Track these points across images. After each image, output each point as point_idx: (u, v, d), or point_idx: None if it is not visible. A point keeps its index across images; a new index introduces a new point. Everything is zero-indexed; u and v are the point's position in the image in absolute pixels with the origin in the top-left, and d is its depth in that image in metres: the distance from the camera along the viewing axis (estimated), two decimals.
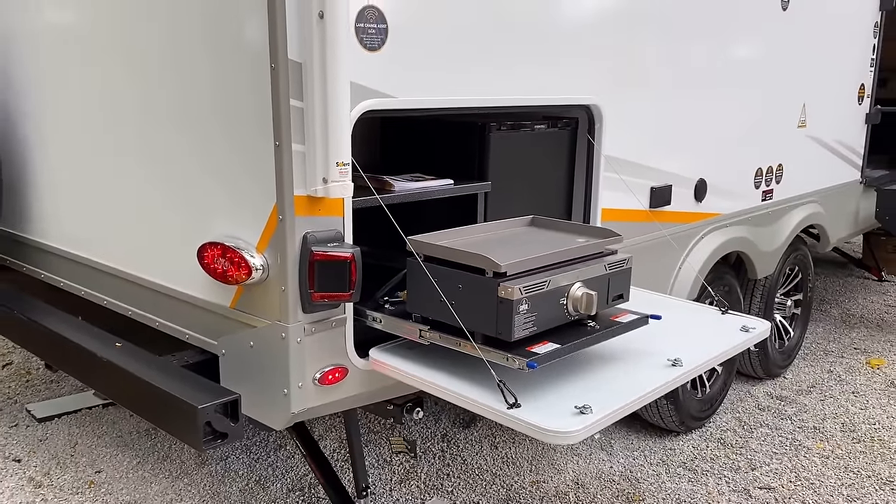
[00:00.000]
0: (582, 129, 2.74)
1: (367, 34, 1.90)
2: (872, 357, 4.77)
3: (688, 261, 3.32)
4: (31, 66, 2.78)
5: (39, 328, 2.49)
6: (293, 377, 1.91)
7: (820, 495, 3.20)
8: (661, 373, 1.96)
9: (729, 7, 3.29)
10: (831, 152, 4.48)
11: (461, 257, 1.83)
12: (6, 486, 3.12)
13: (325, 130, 1.77)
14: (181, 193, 2.18)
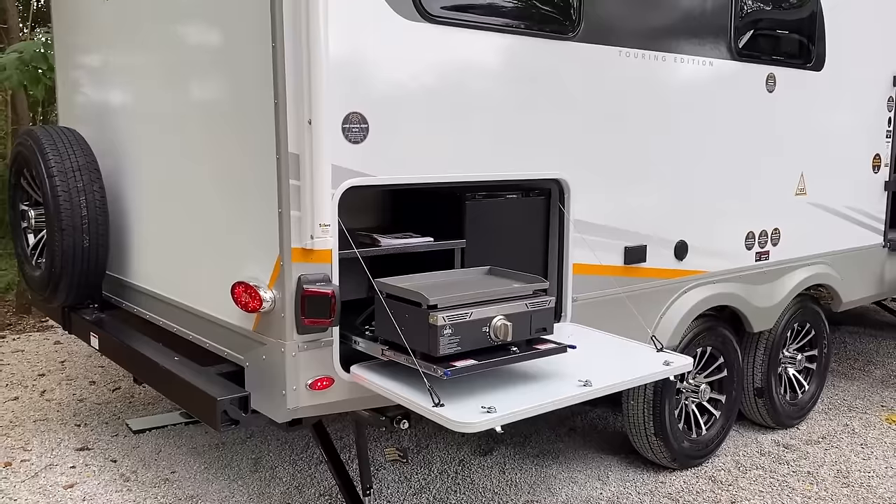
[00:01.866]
0: (555, 198, 3.33)
1: (352, 132, 2.61)
2: (894, 414, 4.96)
3: (669, 312, 3.78)
4: (126, 145, 3.67)
5: (127, 349, 3.31)
6: (289, 382, 2.58)
7: None
8: (569, 389, 2.50)
9: (710, 91, 3.82)
10: (842, 218, 4.79)
11: (407, 294, 2.47)
12: (103, 479, 3.93)
13: (312, 201, 2.48)
14: (219, 245, 2.95)
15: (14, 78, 5.97)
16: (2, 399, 5.14)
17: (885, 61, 4.96)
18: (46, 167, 3.45)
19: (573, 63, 3.23)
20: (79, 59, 4.29)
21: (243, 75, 2.70)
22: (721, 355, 4.18)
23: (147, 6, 3.38)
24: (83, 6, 4.03)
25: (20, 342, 6.66)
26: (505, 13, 2.97)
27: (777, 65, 4.15)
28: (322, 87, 2.43)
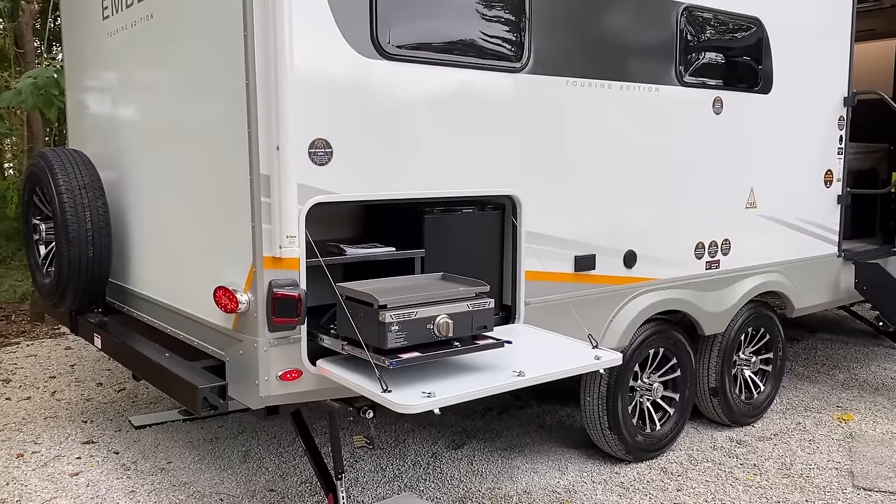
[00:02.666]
0: (508, 212, 3.70)
1: (317, 156, 3.00)
2: (848, 413, 5.27)
3: (619, 315, 4.14)
4: (126, 165, 4.08)
5: (126, 347, 3.71)
6: (262, 373, 2.97)
7: None
8: (503, 378, 2.87)
9: (657, 114, 4.18)
10: (794, 229, 5.14)
11: (361, 295, 2.85)
12: (105, 468, 4.33)
13: (281, 216, 2.87)
14: (202, 254, 3.35)
15: (29, 101, 6.43)
16: (16, 399, 5.56)
17: (834, 83, 5.31)
18: (56, 185, 3.87)
19: (522, 92, 3.62)
20: (86, 86, 4.72)
21: (222, 107, 3.10)
22: (674, 356, 4.53)
23: (142, 45, 3.79)
24: (90, 40, 4.46)
25: (34, 348, 7.09)
26: (456, 50, 3.36)
27: (724, 89, 4.52)
28: (288, 119, 2.82)
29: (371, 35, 3.08)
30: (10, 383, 5.95)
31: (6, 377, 6.11)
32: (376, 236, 3.59)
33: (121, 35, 4.01)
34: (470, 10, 3.38)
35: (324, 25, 2.97)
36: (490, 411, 5.28)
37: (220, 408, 2.98)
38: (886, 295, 5.45)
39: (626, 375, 4.29)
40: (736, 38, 4.58)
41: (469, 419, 5.11)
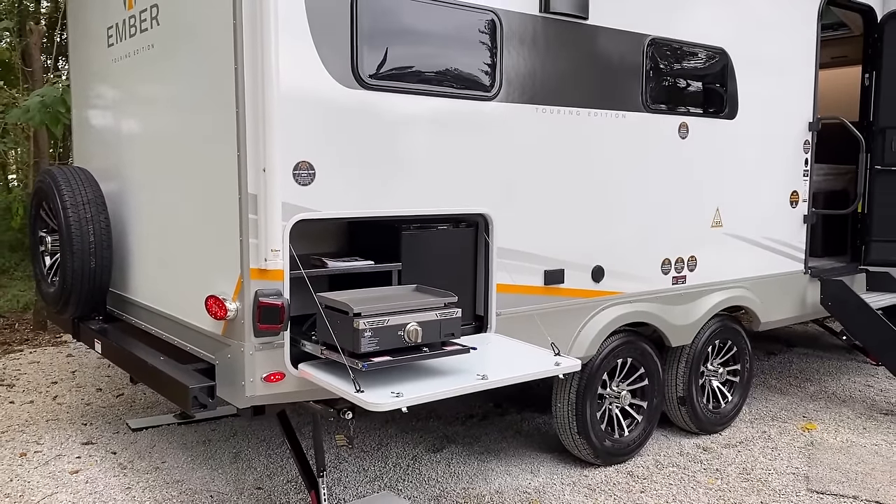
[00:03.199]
0: (481, 229, 3.99)
1: (301, 177, 3.29)
2: (812, 423, 5.53)
3: (587, 326, 4.41)
4: (126, 183, 4.37)
5: (124, 352, 3.98)
6: (247, 375, 3.24)
7: None
8: (468, 381, 3.14)
9: (623, 139, 4.47)
10: (760, 247, 5.41)
11: (338, 304, 3.12)
12: (103, 467, 4.59)
13: (266, 231, 3.15)
14: (195, 266, 3.63)
15: (36, 118, 6.73)
16: (19, 402, 5.83)
17: (800, 109, 5.60)
18: (62, 201, 4.16)
19: (495, 119, 3.91)
20: (91, 106, 5.02)
21: (214, 132, 3.39)
22: (641, 366, 4.79)
23: (143, 72, 4.09)
24: (96, 65, 4.77)
25: (36, 355, 7.36)
26: (432, 81, 3.66)
27: (689, 115, 4.81)
28: (274, 143, 3.12)
29: (352, 68, 3.38)
30: (13, 388, 6.22)
31: (10, 382, 6.38)
32: (357, 250, 3.87)
33: (124, 61, 4.31)
34: (445, 44, 3.68)
35: (308, 59, 3.26)
36: (471, 418, 5.54)
37: (208, 406, 3.25)
38: (849, 311, 5.72)
39: (594, 383, 4.55)
40: (701, 67, 4.88)
41: (450, 425, 5.36)
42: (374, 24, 3.43)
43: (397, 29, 3.52)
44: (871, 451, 4.98)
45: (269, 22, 3.09)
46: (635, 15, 4.43)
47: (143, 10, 3.99)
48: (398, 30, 3.53)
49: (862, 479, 4.55)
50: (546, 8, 4.01)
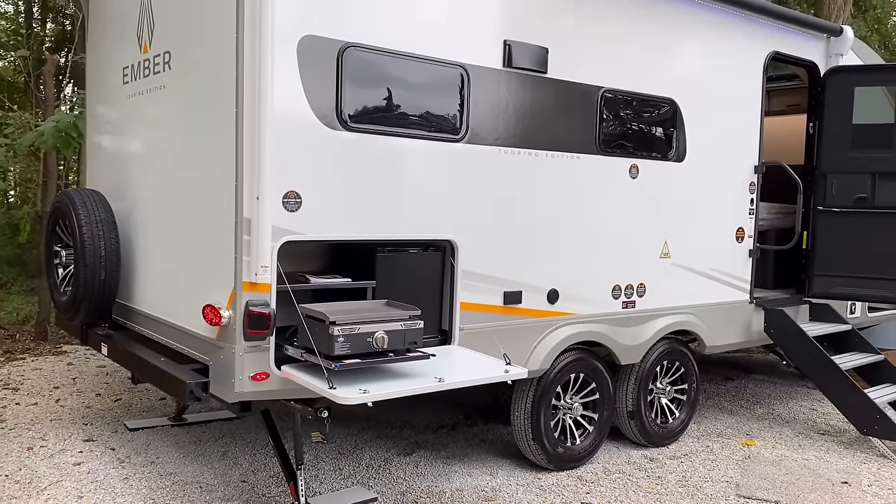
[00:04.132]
0: (448, 253, 4.53)
1: (289, 204, 3.84)
2: (752, 439, 6.04)
3: (542, 343, 4.94)
4: (133, 204, 4.91)
5: (129, 354, 4.50)
6: (237, 373, 3.76)
7: None
8: (427, 383, 3.66)
9: (577, 177, 5.04)
10: (706, 277, 5.97)
11: (316, 313, 3.66)
12: (104, 460, 5.07)
13: (258, 250, 3.69)
14: (194, 278, 4.16)
15: (49, 142, 7.29)
16: (24, 404, 6.31)
17: (746, 153, 6.20)
18: (77, 219, 4.69)
19: (461, 158, 4.48)
20: (104, 136, 5.58)
21: (215, 164, 3.95)
22: (593, 381, 5.32)
23: (155, 109, 4.66)
24: (111, 99, 5.33)
25: (38, 363, 7.84)
26: (405, 124, 4.22)
27: (639, 157, 5.39)
28: (266, 176, 3.68)
29: (336, 113, 3.95)
30: (18, 391, 6.70)
31: (15, 386, 6.85)
32: (337, 269, 4.41)
33: (137, 98, 4.88)
34: (419, 93, 4.26)
35: (299, 106, 3.83)
36: (442, 428, 6.04)
37: (202, 399, 3.77)
38: (789, 338, 6.27)
39: (549, 395, 5.07)
40: (651, 115, 5.47)
41: (422, 434, 5.86)
42: (356, 75, 4.01)
43: (376, 80, 4.10)
44: (801, 465, 5.50)
45: (266, 75, 3.66)
46: (590, 70, 5.03)
47: (156, 55, 4.57)
48: (377, 80, 4.11)
49: (786, 487, 5.06)
50: (509, 63, 4.60)
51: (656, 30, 5.43)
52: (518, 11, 4.67)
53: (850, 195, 6.58)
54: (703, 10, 5.73)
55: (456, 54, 4.40)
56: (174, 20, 4.45)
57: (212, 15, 3.99)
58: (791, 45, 6.49)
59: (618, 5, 5.18)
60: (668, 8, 5.48)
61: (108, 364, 7.69)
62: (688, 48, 5.68)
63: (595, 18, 5.06)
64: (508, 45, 4.60)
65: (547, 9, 4.80)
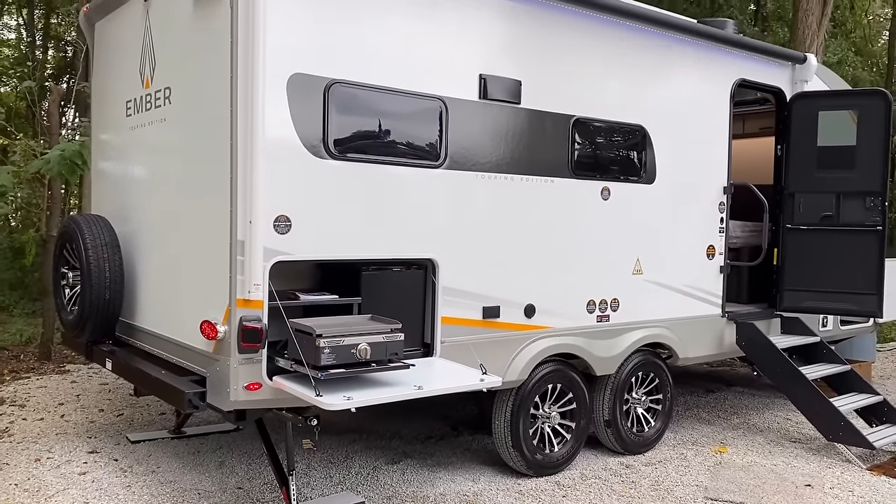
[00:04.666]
0: (430, 271, 4.86)
1: (280, 227, 4.18)
2: (725, 447, 6.34)
3: (520, 355, 5.26)
4: (134, 227, 5.25)
5: (131, 367, 4.82)
6: (231, 384, 4.08)
7: None
8: (407, 391, 3.98)
9: (552, 200, 5.38)
10: (678, 293, 6.30)
11: (304, 327, 3.98)
12: (107, 470, 5.37)
13: (251, 270, 4.03)
14: (192, 296, 4.49)
15: (55, 169, 7.65)
16: (31, 419, 6.61)
17: (715, 175, 6.55)
18: (84, 242, 5.03)
19: (441, 183, 4.82)
20: (108, 163, 5.93)
21: (212, 191, 4.29)
22: (570, 391, 5.63)
23: (156, 140, 5.02)
24: (115, 130, 5.69)
25: (43, 381, 8.14)
26: (388, 152, 4.58)
27: (611, 180, 5.74)
28: (258, 201, 4.02)
29: (323, 143, 4.30)
30: (25, 407, 7.00)
31: (21, 403, 7.16)
32: (326, 286, 4.74)
33: (139, 129, 5.24)
34: (401, 123, 4.61)
35: (288, 137, 4.19)
36: (429, 438, 6.33)
37: (199, 408, 4.08)
38: (759, 349, 6.59)
39: (527, 404, 5.38)
40: (621, 140, 5.83)
41: (410, 444, 6.16)
42: (342, 108, 4.37)
43: (361, 112, 4.46)
44: (769, 470, 5.80)
45: (257, 109, 4.02)
46: (561, 100, 5.40)
47: (158, 90, 4.93)
48: (361, 113, 4.47)
49: (752, 490, 5.36)
50: (484, 95, 4.97)
51: (626, 61, 5.80)
52: (492, 48, 5.04)
53: (816, 213, 6.94)
54: (672, 42, 6.11)
55: (435, 88, 4.76)
56: (174, 59, 4.82)
57: (208, 54, 4.35)
58: (757, 72, 6.87)
59: (587, 40, 5.56)
60: (637, 41, 5.86)
61: (111, 381, 8.00)
62: (656, 78, 6.05)
63: (565, 52, 5.43)
64: (484, 79, 4.97)
65: (519, 45, 5.18)
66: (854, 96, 7.05)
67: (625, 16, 5.72)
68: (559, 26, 5.38)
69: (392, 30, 4.58)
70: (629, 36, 5.82)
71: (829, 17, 11.15)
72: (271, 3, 4.07)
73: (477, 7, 4.95)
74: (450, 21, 4.83)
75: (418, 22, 4.70)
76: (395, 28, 4.60)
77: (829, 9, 10.99)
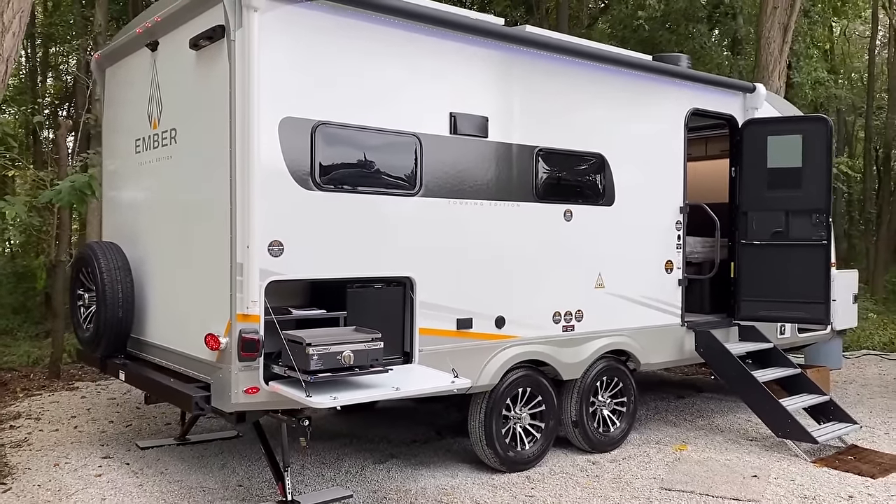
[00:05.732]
0: (408, 288, 5.46)
1: (274, 251, 4.79)
2: (685, 444, 6.92)
3: (491, 362, 5.86)
4: (144, 252, 5.84)
5: (143, 377, 5.41)
6: (232, 388, 4.67)
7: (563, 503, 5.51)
8: (386, 391, 4.57)
9: (518, 222, 5.99)
10: (639, 304, 6.90)
11: (296, 338, 4.58)
12: (120, 472, 5.94)
13: (248, 288, 4.63)
14: (197, 312, 5.08)
15: (65, 199, 8.25)
16: (47, 430, 7.17)
17: (672, 196, 7.18)
18: (99, 267, 5.63)
19: (417, 209, 5.44)
20: (119, 195, 6.55)
21: (213, 220, 4.90)
22: (539, 395, 6.22)
23: (163, 175, 5.63)
24: (124, 164, 6.32)
25: (54, 397, 8.70)
26: (370, 182, 5.19)
27: (573, 203, 6.37)
28: (254, 229, 4.63)
29: (311, 177, 4.92)
30: (40, 420, 7.57)
31: (37, 416, 7.72)
32: (316, 302, 5.33)
33: (147, 165, 5.86)
34: (380, 157, 5.24)
35: (280, 173, 4.80)
36: (415, 442, 6.91)
37: (205, 410, 4.67)
38: (715, 355, 7.19)
39: (499, 406, 5.97)
40: (582, 167, 6.46)
41: (397, 447, 6.73)
42: (327, 146, 4.99)
43: (344, 148, 5.09)
44: (722, 464, 6.38)
45: (253, 149, 4.64)
46: (526, 132, 6.03)
47: (164, 131, 5.56)
48: (344, 149, 5.09)
49: (703, 481, 5.94)
50: (455, 131, 5.60)
51: (585, 96, 6.45)
52: (461, 89, 5.68)
53: (768, 230, 7.57)
54: (629, 78, 6.76)
55: (410, 126, 5.40)
56: (179, 104, 5.45)
57: (210, 101, 4.97)
58: (710, 101, 7.53)
59: (550, 78, 6.20)
60: (596, 77, 6.51)
61: (118, 396, 8.57)
62: (614, 110, 6.69)
63: (529, 90, 6.07)
64: (454, 116, 5.61)
65: (486, 85, 5.82)
66: (799, 122, 7.70)
67: (584, 56, 6.38)
68: (523, 67, 6.03)
69: (371, 76, 5.22)
70: (589, 73, 6.47)
71: (790, 44, 11.84)
72: (264, 57, 4.71)
73: (447, 54, 5.59)
74: (423, 67, 5.48)
75: (395, 69, 5.33)
76: (374, 75, 5.23)
77: (790, 36, 11.69)
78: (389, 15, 5.24)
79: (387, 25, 5.27)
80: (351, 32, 5.12)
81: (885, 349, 12.74)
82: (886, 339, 13.34)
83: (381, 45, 5.26)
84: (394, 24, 5.30)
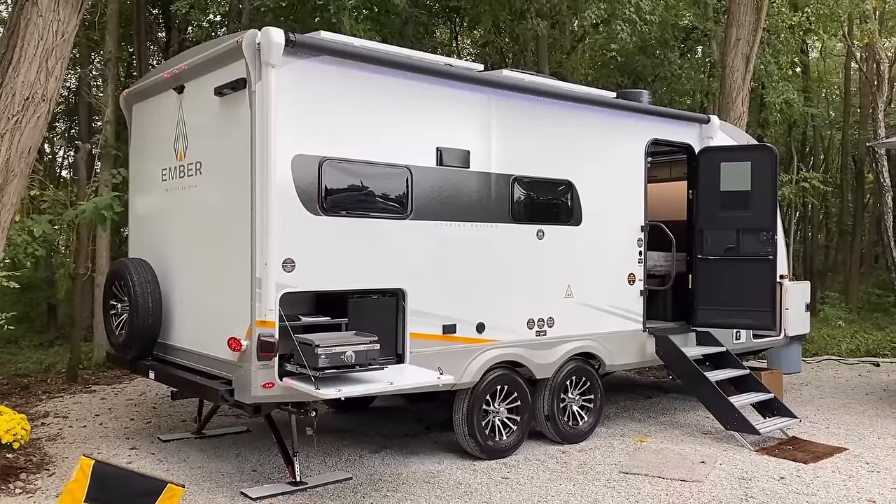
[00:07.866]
0: (400, 298, 6.34)
1: (287, 267, 5.67)
2: (646, 437, 7.82)
3: (473, 362, 6.74)
4: (169, 265, 6.70)
5: (172, 375, 6.28)
6: (252, 383, 5.53)
7: (534, 484, 6.39)
8: (382, 386, 5.46)
9: (495, 241, 6.90)
10: (605, 312, 7.80)
11: (307, 340, 5.45)
12: (148, 460, 6.78)
13: (266, 299, 5.51)
14: (221, 319, 5.95)
15: (88, 217, 9.11)
16: (76, 427, 8.00)
17: (634, 215, 8.09)
18: (131, 280, 6.49)
19: (409, 230, 6.33)
20: (146, 217, 7.41)
21: (235, 241, 5.77)
22: (515, 392, 7.10)
23: (189, 201, 6.51)
24: (152, 189, 7.19)
25: (76, 398, 9.52)
26: (368, 208, 6.09)
27: (544, 223, 7.27)
28: (271, 249, 5.51)
29: (318, 204, 5.81)
30: (67, 418, 8.39)
31: (64, 414, 8.54)
32: (322, 310, 6.20)
33: (174, 192, 6.74)
34: (376, 186, 6.13)
35: (293, 200, 5.69)
36: (406, 435, 7.78)
37: (229, 402, 5.55)
38: (672, 357, 8.10)
39: (480, 402, 6.85)
40: (552, 192, 7.37)
41: (390, 439, 7.60)
42: (332, 177, 5.89)
43: (346, 179, 5.98)
44: (676, 453, 7.27)
45: (270, 181, 5.53)
46: (503, 163, 6.95)
47: (190, 163, 6.45)
48: (347, 180, 5.99)
49: (657, 466, 6.84)
50: (441, 163, 6.51)
51: (556, 130, 7.37)
52: (447, 126, 6.59)
53: (721, 246, 8.50)
54: (595, 113, 7.69)
55: (402, 159, 6.30)
56: (203, 140, 6.33)
57: (232, 140, 5.86)
58: (669, 132, 8.47)
59: (524, 115, 7.12)
60: (565, 113, 7.43)
61: (135, 398, 9.41)
62: (582, 141, 7.61)
63: (506, 126, 6.99)
64: (440, 150, 6.52)
65: (468, 123, 6.73)
66: (748, 150, 8.66)
67: (554, 96, 7.31)
68: (500, 106, 6.95)
69: (369, 118, 6.12)
70: (558, 110, 7.39)
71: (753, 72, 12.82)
72: (279, 104, 5.60)
73: (433, 97, 6.51)
74: (414, 109, 6.39)
75: (389, 111, 6.24)
76: (372, 117, 6.14)
77: (752, 65, 12.68)
78: (384, 66, 6.15)
79: (382, 74, 6.18)
80: (352, 81, 6.02)
81: (850, 356, 13.54)
82: (854, 346, 14.18)
83: (377, 91, 6.17)
84: (388, 73, 6.21)
